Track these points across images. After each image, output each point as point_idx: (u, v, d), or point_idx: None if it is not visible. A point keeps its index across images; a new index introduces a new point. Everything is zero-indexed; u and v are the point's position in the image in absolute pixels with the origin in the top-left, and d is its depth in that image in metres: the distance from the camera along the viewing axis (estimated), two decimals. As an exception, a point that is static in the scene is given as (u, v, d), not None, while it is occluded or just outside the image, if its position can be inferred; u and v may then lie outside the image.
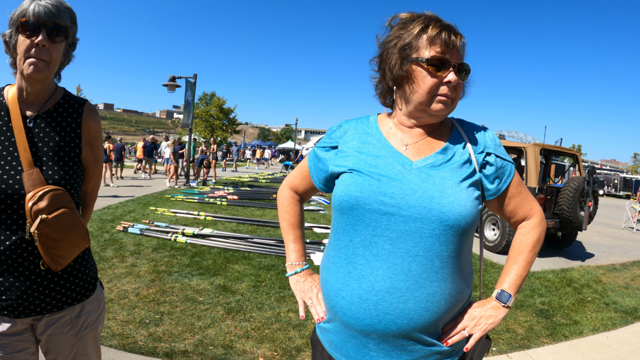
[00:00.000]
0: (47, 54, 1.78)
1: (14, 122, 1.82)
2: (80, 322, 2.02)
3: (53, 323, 1.94)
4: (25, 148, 1.81)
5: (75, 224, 1.88)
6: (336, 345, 1.64)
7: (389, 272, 1.48)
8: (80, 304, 2.02)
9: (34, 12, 1.73)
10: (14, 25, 1.79)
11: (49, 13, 1.76)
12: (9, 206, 1.76)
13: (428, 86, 1.53)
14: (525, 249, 1.69)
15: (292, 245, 1.96)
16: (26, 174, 1.77)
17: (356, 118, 1.82)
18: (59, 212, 1.80)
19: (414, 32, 1.56)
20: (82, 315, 2.02)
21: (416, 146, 1.63)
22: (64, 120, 1.96)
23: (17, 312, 1.84)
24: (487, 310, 1.62)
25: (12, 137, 1.82)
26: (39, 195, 1.75)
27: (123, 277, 6.15)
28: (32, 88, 1.87)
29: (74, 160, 1.95)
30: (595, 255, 10.84)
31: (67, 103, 2.00)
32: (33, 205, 1.74)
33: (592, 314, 6.21)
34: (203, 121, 50.90)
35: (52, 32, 1.79)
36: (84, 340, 2.06)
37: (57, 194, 1.81)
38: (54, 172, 1.86)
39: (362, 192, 1.54)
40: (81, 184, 2.02)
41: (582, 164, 11.12)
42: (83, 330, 2.04)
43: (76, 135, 1.97)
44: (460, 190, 1.50)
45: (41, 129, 1.89)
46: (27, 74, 1.78)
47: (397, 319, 1.48)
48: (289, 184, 2.01)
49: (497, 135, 1.72)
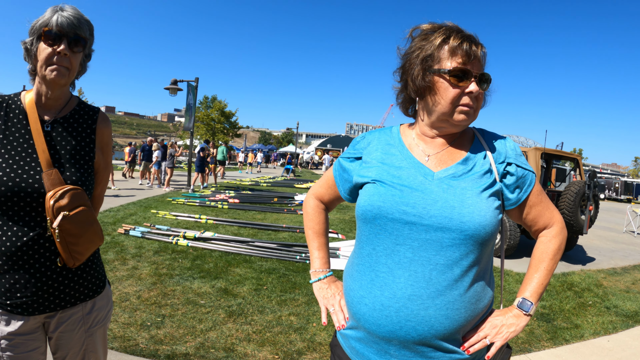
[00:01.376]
0: (68, 61, 1.88)
1: (32, 126, 1.91)
2: (91, 319, 2.09)
3: (65, 320, 2.00)
4: (44, 150, 1.89)
5: (92, 221, 1.98)
6: (358, 351, 1.66)
7: (410, 280, 1.50)
8: (92, 300, 2.09)
9: (57, 23, 1.84)
10: (35, 33, 1.87)
11: (71, 24, 1.86)
12: (28, 204, 1.84)
13: (450, 97, 1.55)
14: (547, 257, 1.70)
15: (316, 253, 1.98)
16: (46, 174, 1.85)
17: (379, 129, 1.84)
18: (79, 210, 1.89)
19: (436, 44, 1.58)
20: (93, 311, 2.10)
21: (438, 157, 1.65)
22: (80, 126, 2.06)
23: (32, 309, 1.89)
24: (508, 318, 1.62)
25: (30, 140, 1.90)
26: (60, 193, 1.83)
27: (124, 280, 6.16)
28: (53, 93, 1.96)
29: (89, 163, 2.04)
30: (596, 259, 10.82)
31: (82, 110, 2.10)
32: (55, 203, 1.81)
33: (593, 317, 6.20)
34: (204, 125, 50.92)
35: (73, 42, 1.89)
36: (94, 337, 2.12)
37: (77, 192, 1.90)
38: (72, 173, 1.95)
39: (385, 202, 1.56)
40: (92, 187, 2.10)
41: (583, 168, 11.10)
42: (94, 327, 2.11)
43: (90, 140, 2.08)
44: (480, 201, 1.52)
45: (58, 133, 1.98)
46: (50, 79, 1.87)
47: (418, 326, 1.49)
48: (314, 193, 2.05)
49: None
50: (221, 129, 52.81)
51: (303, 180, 28.78)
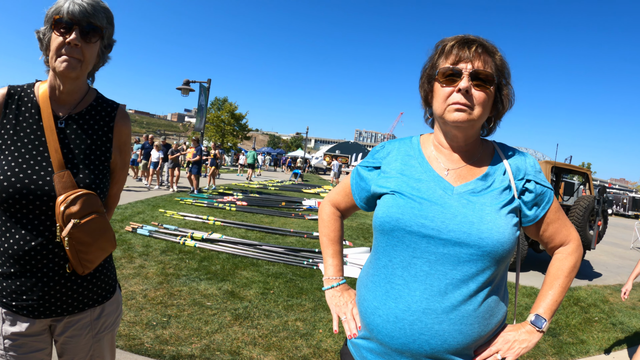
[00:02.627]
0: (80, 53, 1.74)
1: (45, 122, 1.79)
2: (99, 324, 2.00)
3: (73, 324, 1.92)
4: (56, 149, 1.78)
5: (105, 229, 1.87)
6: None
7: (425, 294, 1.50)
8: (101, 306, 2.00)
9: (68, 10, 1.70)
10: (48, 22, 1.75)
11: (84, 12, 1.72)
12: (37, 207, 1.74)
13: (442, 96, 1.58)
14: (562, 274, 1.69)
15: (330, 260, 1.98)
16: (57, 176, 1.74)
17: (399, 139, 1.85)
18: (91, 217, 1.79)
19: (438, 52, 1.63)
20: (101, 317, 2.01)
21: (458, 171, 1.65)
22: (97, 124, 1.93)
23: (37, 313, 1.81)
24: (521, 334, 1.61)
25: (42, 137, 1.79)
26: (72, 199, 1.72)
27: (131, 278, 6.18)
28: (65, 87, 1.83)
29: (104, 164, 1.92)
30: (603, 274, 10.75)
31: (99, 106, 1.97)
32: (65, 209, 1.71)
33: (599, 333, 6.17)
34: (214, 126, 51.05)
35: (86, 32, 1.74)
36: (101, 342, 2.03)
37: (89, 198, 1.79)
38: (85, 175, 1.83)
39: (404, 215, 1.56)
40: (108, 187, 1.98)
41: (592, 183, 11.07)
42: (101, 332, 2.02)
43: (107, 139, 1.95)
44: (499, 217, 1.52)
45: (73, 131, 1.86)
46: (60, 71, 1.73)
47: (432, 339, 1.49)
48: (330, 200, 2.05)
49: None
50: (231, 130, 52.95)
51: (311, 186, 28.73)
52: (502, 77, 1.62)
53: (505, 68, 1.63)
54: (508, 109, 1.68)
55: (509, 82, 1.65)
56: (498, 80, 1.60)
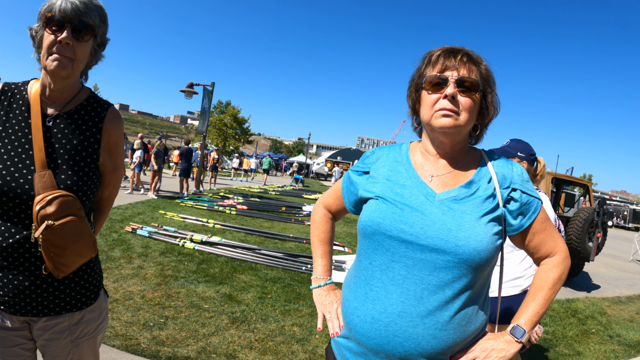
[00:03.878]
0: (71, 51, 1.73)
1: (33, 120, 1.78)
2: (78, 330, 1.96)
3: (50, 328, 1.89)
4: (40, 148, 1.75)
5: (82, 233, 1.81)
6: (347, 359, 1.70)
7: (402, 297, 1.53)
8: (81, 312, 1.95)
9: (60, 8, 1.68)
10: (40, 20, 1.74)
11: (76, 10, 1.70)
12: (17, 205, 1.72)
13: (429, 103, 1.62)
14: (546, 286, 1.68)
15: (319, 260, 2.04)
16: (38, 176, 1.72)
17: (389, 146, 1.88)
18: (66, 220, 1.74)
19: (425, 62, 1.69)
20: (81, 323, 1.96)
21: (442, 178, 1.67)
22: (85, 124, 1.89)
23: (13, 310, 1.80)
24: (500, 343, 1.61)
25: (29, 135, 1.77)
26: (48, 200, 1.69)
27: (129, 279, 6.19)
28: (55, 85, 1.82)
29: (90, 166, 1.88)
30: (601, 286, 10.74)
31: (90, 105, 1.93)
32: (40, 210, 1.68)
33: (595, 345, 6.16)
34: (216, 129, 51.04)
35: (78, 30, 1.73)
36: (81, 348, 1.99)
37: (67, 200, 1.74)
38: (67, 176, 1.80)
39: (384, 219, 1.60)
40: (95, 191, 1.95)
41: (592, 195, 11.07)
42: (81, 338, 1.98)
43: (95, 140, 1.91)
44: (478, 226, 1.53)
45: (60, 130, 1.83)
46: (50, 70, 1.73)
47: (405, 342, 1.52)
48: (323, 202, 2.10)
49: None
50: (233, 134, 52.89)
51: (312, 191, 28.77)
52: (488, 85, 1.66)
53: (490, 77, 1.67)
54: (494, 116, 1.71)
55: (494, 90, 1.69)
56: (483, 87, 1.64)
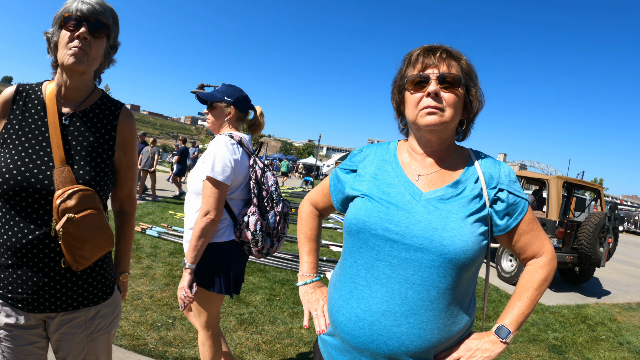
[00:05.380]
0: (88, 46, 1.81)
1: (49, 118, 1.85)
2: (94, 325, 2.02)
3: (67, 322, 1.94)
4: (58, 145, 1.83)
5: (101, 226, 1.88)
6: (333, 357, 1.71)
7: (386, 296, 1.54)
8: (97, 307, 2.01)
9: (77, 8, 1.78)
10: (57, 22, 1.83)
11: (92, 10, 1.80)
12: (36, 201, 1.78)
13: (413, 102, 1.64)
14: (531, 286, 1.69)
15: (305, 257, 2.04)
16: (57, 171, 1.79)
17: (377, 144, 1.89)
18: (86, 213, 1.80)
19: (405, 63, 1.71)
20: (96, 317, 2.02)
21: (429, 177, 1.68)
22: (100, 122, 1.97)
23: (32, 307, 1.84)
24: (484, 343, 1.62)
25: (46, 133, 1.84)
26: (68, 193, 1.76)
27: (138, 278, 6.21)
28: (72, 82, 1.88)
29: (106, 162, 1.96)
30: (612, 292, 10.65)
31: (104, 105, 2.01)
32: (61, 203, 1.74)
33: (605, 352, 6.11)
34: (226, 129, 51.19)
35: (94, 28, 1.82)
36: (96, 342, 2.05)
37: (87, 194, 1.81)
38: (85, 172, 1.86)
39: (370, 218, 1.60)
40: (111, 187, 2.03)
41: (604, 199, 10.98)
42: (96, 333, 2.03)
43: (110, 137, 1.99)
44: (464, 225, 1.54)
45: (76, 128, 1.91)
46: (68, 64, 1.79)
47: (389, 341, 1.53)
48: (310, 199, 2.11)
49: (520, 165, 1.74)
50: (243, 135, 53.06)
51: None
52: (470, 79, 1.68)
53: (472, 71, 1.69)
54: (479, 109, 1.73)
55: (477, 84, 1.70)
56: (466, 82, 1.65)
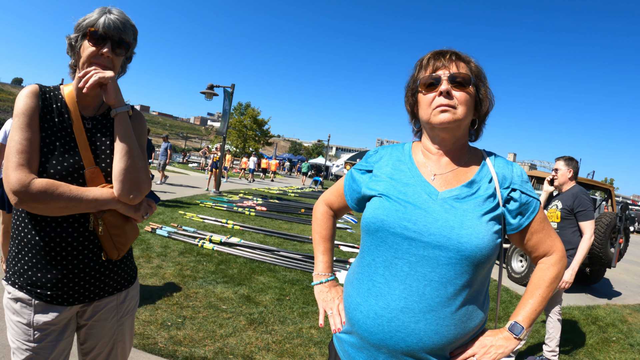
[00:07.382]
0: (110, 63, 1.99)
1: (75, 123, 1.97)
2: (124, 308, 2.19)
3: (101, 308, 2.09)
4: (86, 148, 1.97)
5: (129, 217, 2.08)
6: (350, 355, 1.73)
7: (404, 293, 1.57)
8: (126, 290, 2.20)
9: (104, 25, 1.93)
10: (80, 31, 1.96)
11: (117, 28, 1.96)
12: None
13: (426, 102, 1.71)
14: (543, 284, 1.75)
15: (320, 257, 2.08)
16: (88, 172, 1.95)
17: (392, 145, 1.92)
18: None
19: (417, 68, 1.77)
20: (126, 300, 2.20)
21: (444, 177, 1.72)
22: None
23: (72, 300, 1.96)
24: (498, 339, 1.66)
25: (72, 134, 1.96)
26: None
27: (148, 278, 6.26)
28: (93, 91, 2.01)
29: None
30: (623, 293, 10.56)
31: None
32: None
33: (615, 354, 6.06)
34: (236, 131, 51.34)
35: (116, 45, 1.99)
36: (124, 326, 2.22)
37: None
38: (109, 172, 2.02)
39: (388, 216, 1.64)
40: None
41: (615, 199, 10.90)
42: (125, 316, 2.21)
43: None
44: (480, 224, 1.58)
45: (98, 130, 2.06)
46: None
47: (407, 337, 1.55)
48: (325, 200, 2.15)
49: (529, 165, 1.76)
50: (252, 136, 53.22)
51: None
52: (479, 79, 1.73)
53: (481, 72, 1.75)
54: (490, 109, 1.78)
55: (486, 84, 1.76)
56: (475, 81, 1.71)
